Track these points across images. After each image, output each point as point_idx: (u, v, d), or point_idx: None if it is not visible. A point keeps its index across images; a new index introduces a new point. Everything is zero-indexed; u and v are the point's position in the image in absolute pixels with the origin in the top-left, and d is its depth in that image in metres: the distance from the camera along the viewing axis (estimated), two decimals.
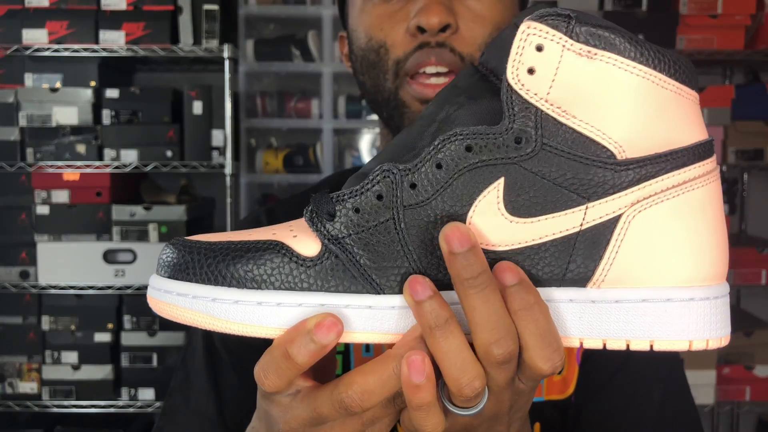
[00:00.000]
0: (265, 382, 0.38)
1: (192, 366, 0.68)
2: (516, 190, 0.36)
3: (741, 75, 2.37)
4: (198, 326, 0.38)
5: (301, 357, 0.36)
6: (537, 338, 0.35)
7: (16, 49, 1.95)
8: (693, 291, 0.36)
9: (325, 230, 0.37)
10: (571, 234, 0.36)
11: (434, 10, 0.59)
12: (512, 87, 0.35)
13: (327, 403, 0.38)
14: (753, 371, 2.09)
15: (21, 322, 2.03)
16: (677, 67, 0.35)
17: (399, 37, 0.62)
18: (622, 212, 0.36)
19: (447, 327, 0.35)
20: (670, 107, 0.35)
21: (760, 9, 2.04)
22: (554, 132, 0.35)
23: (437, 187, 0.36)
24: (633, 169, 0.35)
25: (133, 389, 2.01)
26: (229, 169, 1.97)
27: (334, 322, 0.36)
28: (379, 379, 0.37)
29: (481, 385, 0.36)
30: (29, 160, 1.97)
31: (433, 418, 0.37)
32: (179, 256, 0.38)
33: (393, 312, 0.37)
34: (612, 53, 0.34)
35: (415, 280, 0.36)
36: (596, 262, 0.36)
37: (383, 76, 0.63)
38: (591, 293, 0.37)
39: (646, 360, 0.65)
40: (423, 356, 0.35)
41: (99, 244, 1.98)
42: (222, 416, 0.65)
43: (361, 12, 0.65)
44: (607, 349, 0.37)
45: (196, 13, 1.99)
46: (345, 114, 2.16)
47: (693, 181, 0.36)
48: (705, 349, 0.36)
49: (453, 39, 0.60)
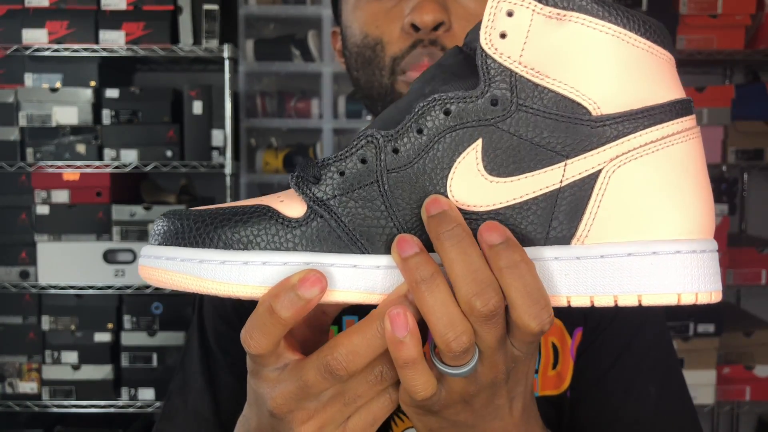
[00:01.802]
0: (251, 343, 0.38)
1: (189, 367, 0.68)
2: (494, 150, 0.37)
3: (741, 75, 2.37)
4: (186, 289, 0.38)
5: (285, 311, 0.36)
6: (524, 296, 0.35)
7: (16, 49, 1.95)
8: (679, 244, 0.36)
9: (311, 192, 0.38)
10: (551, 191, 0.37)
11: (428, 7, 0.59)
12: (486, 52, 0.36)
13: (313, 369, 0.38)
14: (753, 371, 2.09)
15: (21, 322, 2.03)
16: (647, 27, 0.36)
17: (395, 34, 0.62)
18: (602, 167, 0.36)
19: (433, 281, 0.36)
20: (642, 65, 0.36)
21: (760, 9, 2.04)
22: (529, 93, 0.36)
23: (419, 151, 0.37)
24: (609, 125, 0.36)
25: (133, 389, 2.01)
26: (229, 169, 1.98)
27: (318, 278, 0.36)
28: (363, 338, 0.37)
29: (468, 340, 0.36)
30: (29, 160, 1.97)
31: (422, 376, 0.37)
32: (170, 224, 0.39)
33: (378, 272, 0.38)
34: (581, 13, 0.36)
35: (402, 238, 0.37)
36: (579, 218, 0.37)
37: (379, 72, 0.63)
38: (575, 250, 0.37)
39: (642, 355, 0.65)
40: (404, 310, 0.36)
41: (99, 244, 1.98)
42: (218, 416, 0.65)
43: (355, 8, 0.65)
44: (594, 306, 0.36)
45: (196, 13, 1.99)
46: (345, 114, 2.16)
47: (672, 137, 0.36)
48: (694, 303, 0.36)
49: (446, 37, 0.60)
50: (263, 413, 0.41)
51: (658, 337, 0.67)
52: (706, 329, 2.03)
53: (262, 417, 0.42)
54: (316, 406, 0.40)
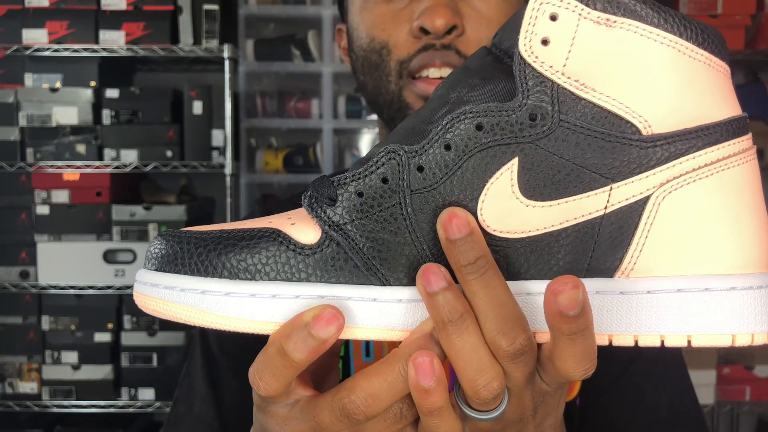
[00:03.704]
0: (260, 384, 0.34)
1: (194, 373, 0.67)
2: (531, 171, 0.33)
3: (741, 75, 2.37)
4: (186, 322, 0.34)
5: (298, 353, 0.32)
6: (579, 357, 0.32)
7: (16, 49, 1.95)
8: (734, 279, 0.32)
9: (326, 216, 0.34)
10: (594, 218, 0.33)
11: (440, 11, 0.56)
12: (525, 60, 0.33)
13: (327, 410, 0.34)
14: (753, 371, 2.09)
15: (21, 322, 2.03)
16: (705, 36, 0.33)
17: (402, 38, 0.59)
18: (651, 193, 0.33)
19: (462, 322, 0.32)
20: (700, 79, 0.32)
21: (760, 9, 2.04)
22: (572, 107, 0.33)
23: (446, 171, 0.33)
24: (661, 146, 0.32)
25: (133, 389, 2.01)
26: (229, 169, 1.97)
27: (335, 315, 0.32)
28: (384, 381, 0.33)
29: (499, 386, 0.33)
30: (29, 160, 1.97)
31: (447, 423, 0.34)
32: (168, 247, 0.35)
33: (400, 306, 0.34)
34: (633, 20, 0.32)
35: (428, 269, 0.32)
36: (624, 249, 0.33)
37: (386, 78, 0.61)
38: (619, 284, 0.33)
39: (653, 362, 0.64)
40: (431, 357, 0.32)
41: (99, 244, 1.98)
42: (222, 422, 0.64)
43: (363, 10, 0.62)
44: (639, 345, 0.33)
45: (196, 13, 1.99)
46: (345, 114, 2.16)
47: (728, 159, 0.33)
48: (750, 345, 0.32)
49: (458, 41, 0.58)
50: None
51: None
52: None
53: None
54: None
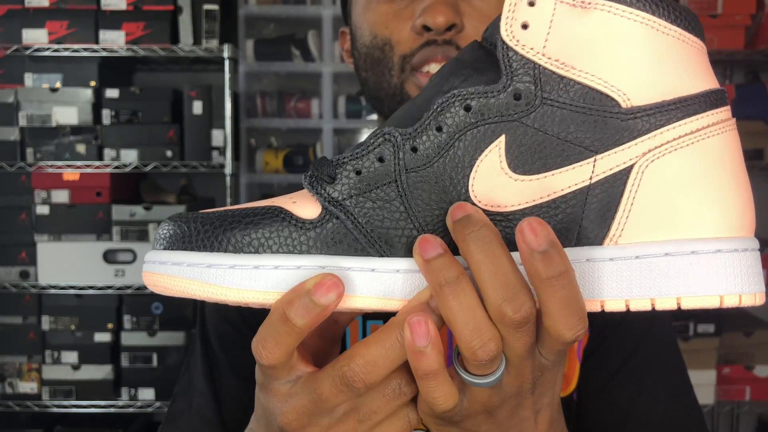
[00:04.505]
0: (264, 353, 0.36)
1: (193, 370, 0.68)
2: (518, 147, 0.35)
3: (741, 75, 2.37)
4: (194, 296, 0.36)
5: (300, 319, 0.34)
6: (563, 306, 0.33)
7: (16, 49, 1.95)
8: (720, 242, 0.34)
9: (326, 192, 0.36)
10: (580, 188, 0.35)
11: (440, 9, 0.59)
12: (507, 44, 0.35)
13: (328, 381, 0.36)
14: (753, 371, 2.09)
15: (21, 322, 2.03)
16: (678, 14, 0.34)
17: (404, 34, 0.62)
18: (634, 162, 0.34)
19: (458, 284, 0.33)
20: (674, 53, 0.34)
21: (760, 9, 2.04)
22: (555, 86, 0.35)
23: (438, 151, 0.36)
24: (641, 118, 0.34)
25: (133, 389, 2.01)
26: (229, 169, 1.97)
27: (335, 282, 0.34)
28: (382, 348, 0.35)
29: (496, 347, 0.34)
30: (29, 160, 1.97)
31: (443, 387, 0.35)
32: (176, 227, 0.37)
33: (398, 275, 0.36)
34: (607, 0, 0.34)
35: (425, 238, 0.34)
36: (611, 217, 0.34)
37: (388, 72, 0.63)
38: (608, 251, 0.34)
39: (650, 358, 0.64)
40: (426, 318, 0.33)
41: (99, 244, 1.98)
42: (221, 417, 0.65)
43: (366, 9, 0.65)
44: (630, 310, 0.34)
45: (196, 13, 1.99)
46: (345, 114, 2.16)
47: (707, 129, 0.34)
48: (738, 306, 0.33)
49: (458, 37, 0.61)
50: (272, 429, 0.39)
51: (666, 339, 0.67)
52: (706, 329, 2.03)
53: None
54: (329, 422, 0.37)
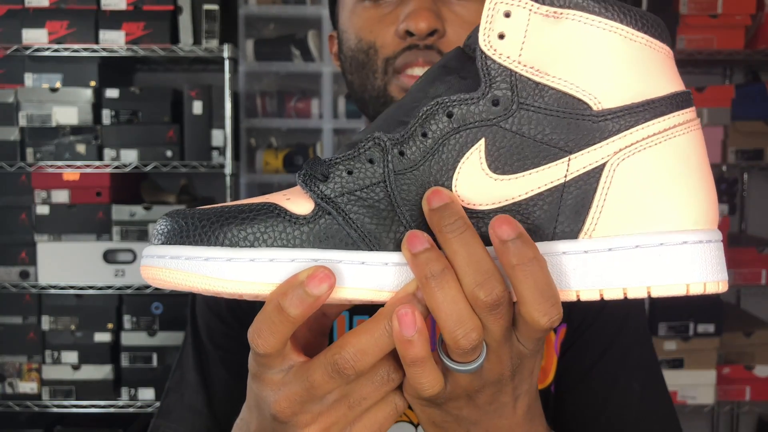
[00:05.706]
0: (259, 342, 0.38)
1: (185, 364, 0.70)
2: (497, 149, 0.37)
3: (741, 75, 2.37)
4: (191, 289, 0.37)
5: (294, 309, 0.36)
6: (534, 292, 0.35)
7: (16, 49, 1.95)
8: (686, 234, 0.36)
9: (319, 190, 0.38)
10: (556, 186, 0.37)
11: (423, 15, 0.61)
12: (485, 53, 0.37)
13: (320, 369, 0.38)
14: (753, 371, 2.09)
15: (21, 322, 2.03)
16: (644, 21, 0.37)
17: (388, 38, 0.64)
18: (606, 161, 0.37)
19: (443, 276, 0.36)
20: (641, 58, 0.37)
21: (760, 9, 2.04)
22: (530, 92, 0.37)
23: (424, 154, 0.38)
24: (612, 120, 0.37)
25: (133, 389, 2.01)
26: (229, 169, 1.97)
27: (327, 275, 0.36)
28: (371, 337, 0.37)
29: (477, 336, 0.36)
30: (29, 160, 1.97)
31: (429, 374, 0.37)
32: (173, 223, 0.38)
33: (387, 269, 0.38)
34: (577, 11, 0.36)
35: (413, 233, 0.37)
36: (585, 213, 0.37)
37: (372, 75, 0.65)
38: (583, 244, 0.37)
39: (625, 351, 0.67)
40: (413, 309, 0.36)
41: (99, 244, 1.98)
42: (211, 408, 0.67)
43: (352, 14, 0.67)
44: (604, 299, 0.37)
45: (196, 13, 1.99)
46: (345, 114, 2.16)
47: (673, 129, 0.37)
48: (703, 294, 0.36)
49: (440, 42, 0.63)
50: (265, 417, 0.41)
51: (640, 333, 0.69)
52: (706, 329, 2.03)
53: (264, 421, 0.42)
54: (320, 409, 0.39)
